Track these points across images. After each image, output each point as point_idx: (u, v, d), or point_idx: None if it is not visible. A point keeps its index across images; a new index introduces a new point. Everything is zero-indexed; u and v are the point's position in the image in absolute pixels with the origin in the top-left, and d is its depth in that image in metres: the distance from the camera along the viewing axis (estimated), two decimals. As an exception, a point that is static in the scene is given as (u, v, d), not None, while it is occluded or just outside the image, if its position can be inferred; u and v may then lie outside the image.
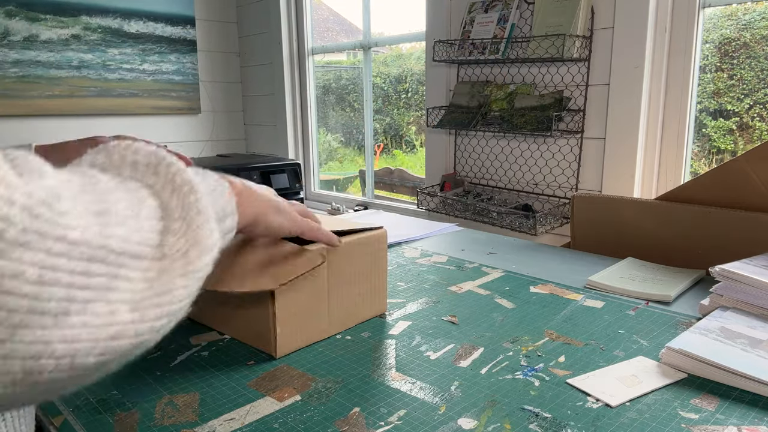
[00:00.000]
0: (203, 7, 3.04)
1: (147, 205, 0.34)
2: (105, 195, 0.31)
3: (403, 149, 3.95)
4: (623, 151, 1.64)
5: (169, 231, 0.34)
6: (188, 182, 0.36)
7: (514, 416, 0.56)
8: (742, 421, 0.55)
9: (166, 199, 0.35)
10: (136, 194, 0.34)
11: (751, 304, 0.75)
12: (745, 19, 1.59)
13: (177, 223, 0.34)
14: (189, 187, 0.36)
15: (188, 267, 0.34)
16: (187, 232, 0.35)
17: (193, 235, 0.35)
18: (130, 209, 0.32)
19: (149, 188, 0.35)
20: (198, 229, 0.35)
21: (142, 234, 0.32)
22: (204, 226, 0.36)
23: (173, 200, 0.35)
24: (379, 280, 0.81)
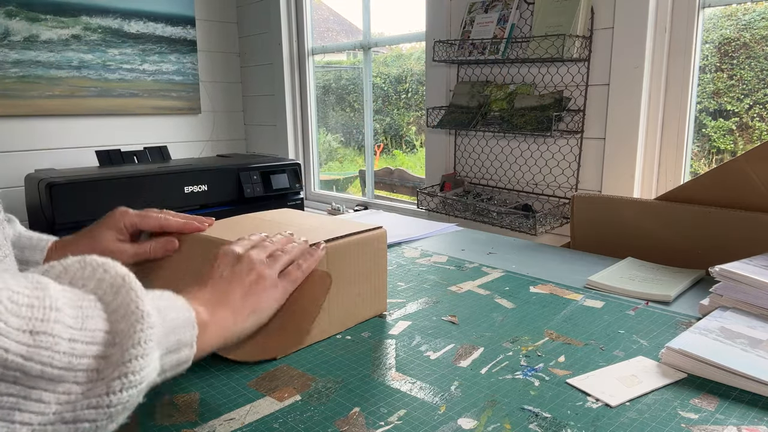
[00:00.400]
0: (203, 7, 3.04)
1: (89, 326, 0.34)
2: (47, 312, 0.31)
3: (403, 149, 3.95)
4: (623, 151, 1.64)
5: (103, 356, 0.34)
6: (140, 311, 0.37)
7: (514, 416, 0.56)
8: (741, 421, 0.55)
9: (115, 323, 0.36)
10: (85, 313, 0.35)
11: (751, 304, 0.75)
12: (745, 20, 1.59)
13: (113, 349, 0.35)
14: (138, 315, 0.37)
15: (104, 399, 0.34)
16: (118, 363, 0.35)
17: (123, 367, 0.35)
18: (68, 330, 0.33)
19: (104, 309, 0.36)
20: (129, 362, 0.35)
21: (71, 358, 0.32)
22: (137, 360, 0.36)
23: (120, 325, 0.36)
24: (379, 279, 0.81)
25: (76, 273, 0.38)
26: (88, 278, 0.38)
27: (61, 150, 2.63)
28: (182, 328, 0.43)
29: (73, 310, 0.34)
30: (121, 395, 0.34)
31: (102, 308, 0.36)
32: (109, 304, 0.37)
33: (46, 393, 0.31)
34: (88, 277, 0.38)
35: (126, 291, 0.38)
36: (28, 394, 0.30)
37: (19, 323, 0.30)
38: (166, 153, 2.63)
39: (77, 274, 0.38)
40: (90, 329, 0.34)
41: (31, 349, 0.30)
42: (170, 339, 0.41)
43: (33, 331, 0.30)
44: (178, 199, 2.18)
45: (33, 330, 0.30)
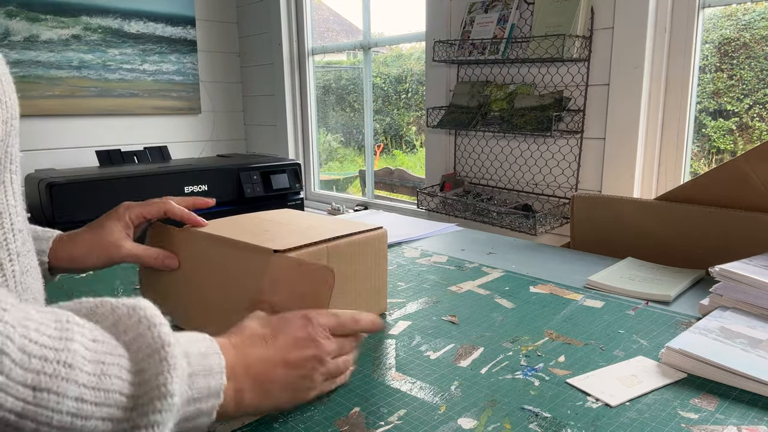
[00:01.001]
0: (203, 7, 3.04)
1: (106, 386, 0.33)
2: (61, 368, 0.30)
3: (403, 149, 3.95)
4: (623, 151, 1.64)
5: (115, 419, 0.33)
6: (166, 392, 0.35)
7: (514, 416, 0.56)
8: (741, 421, 0.55)
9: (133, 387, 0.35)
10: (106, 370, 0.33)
11: (751, 304, 0.75)
12: (745, 20, 1.59)
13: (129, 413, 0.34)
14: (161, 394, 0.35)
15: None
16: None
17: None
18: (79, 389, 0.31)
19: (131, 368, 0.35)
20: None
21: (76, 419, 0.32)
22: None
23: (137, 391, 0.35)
24: (380, 279, 0.81)
25: (121, 318, 0.37)
26: (131, 328, 0.37)
27: (61, 150, 2.63)
28: (207, 398, 0.41)
29: (92, 365, 0.33)
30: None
31: (128, 368, 0.35)
32: (137, 364, 0.35)
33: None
34: (131, 327, 0.37)
35: (159, 360, 0.36)
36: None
37: (23, 377, 0.29)
38: (166, 153, 2.63)
39: (122, 319, 0.37)
40: (106, 389, 0.33)
41: (28, 406, 0.29)
42: (190, 408, 0.39)
43: (36, 387, 0.29)
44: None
45: (37, 386, 0.29)
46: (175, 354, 0.37)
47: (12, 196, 0.45)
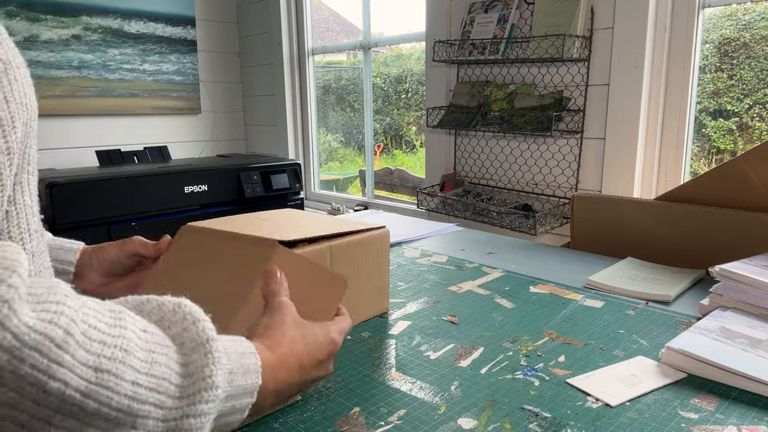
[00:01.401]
0: (203, 7, 3.04)
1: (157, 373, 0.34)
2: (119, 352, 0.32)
3: (403, 149, 3.95)
4: (623, 151, 1.64)
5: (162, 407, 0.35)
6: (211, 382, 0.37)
7: (514, 416, 0.56)
8: (741, 421, 0.55)
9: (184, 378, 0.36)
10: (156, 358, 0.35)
11: (751, 304, 0.75)
12: (745, 20, 1.59)
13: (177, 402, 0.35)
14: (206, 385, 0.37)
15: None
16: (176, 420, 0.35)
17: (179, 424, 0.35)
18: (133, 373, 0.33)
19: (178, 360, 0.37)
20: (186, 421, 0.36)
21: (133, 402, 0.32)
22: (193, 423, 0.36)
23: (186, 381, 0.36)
24: (382, 279, 0.81)
25: (167, 314, 0.39)
26: (176, 323, 0.39)
27: (61, 150, 2.63)
28: (242, 396, 0.43)
29: (144, 353, 0.34)
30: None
31: (176, 360, 0.37)
32: (184, 356, 0.37)
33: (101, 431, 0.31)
34: (176, 322, 0.39)
35: (204, 353, 0.38)
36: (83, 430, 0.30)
37: (86, 358, 0.30)
38: (166, 153, 2.63)
39: (167, 315, 0.39)
40: (157, 376, 0.35)
41: (91, 386, 0.30)
42: (227, 404, 0.41)
43: (98, 368, 0.30)
44: (178, 199, 2.18)
45: (98, 367, 0.30)
46: (219, 348, 0.39)
47: (29, 196, 0.45)
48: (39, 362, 0.27)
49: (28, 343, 0.27)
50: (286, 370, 0.49)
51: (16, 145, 0.38)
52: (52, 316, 0.28)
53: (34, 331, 0.27)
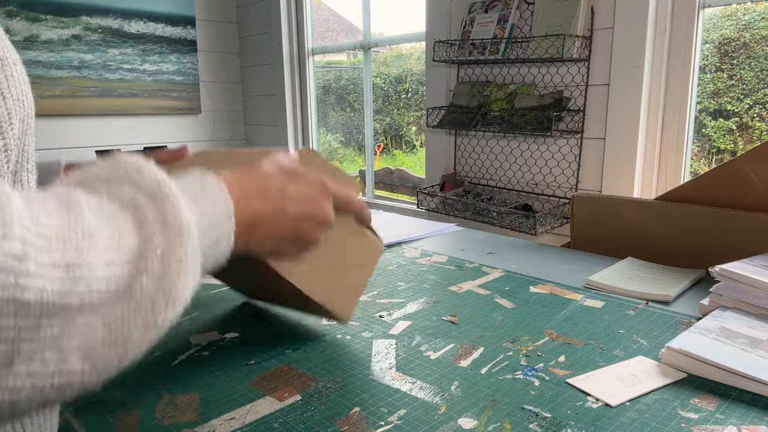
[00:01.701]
0: (203, 7, 3.04)
1: (126, 244, 0.33)
2: (81, 241, 0.31)
3: (403, 149, 3.95)
4: (623, 151, 1.64)
5: (144, 271, 0.33)
6: (179, 224, 0.35)
7: (514, 416, 0.56)
8: (741, 421, 0.55)
9: (152, 235, 0.34)
10: (121, 229, 0.33)
11: (751, 304, 0.75)
12: (745, 20, 1.59)
13: (154, 263, 0.33)
14: (178, 229, 0.35)
15: (150, 318, 0.33)
16: (161, 279, 0.34)
17: (166, 284, 0.34)
18: (105, 253, 0.31)
19: (139, 219, 0.34)
20: (171, 280, 0.34)
21: (111, 281, 0.31)
22: (180, 277, 0.35)
23: (159, 238, 0.34)
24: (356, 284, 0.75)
25: (110, 175, 0.36)
26: (122, 180, 0.36)
27: (61, 150, 2.63)
28: (220, 224, 0.42)
29: (108, 229, 0.32)
30: (166, 313, 0.34)
31: (136, 220, 0.34)
32: (145, 212, 0.35)
33: (90, 317, 0.30)
34: (122, 179, 0.36)
35: (161, 199, 0.36)
36: (72, 321, 0.29)
37: (51, 258, 0.29)
38: (166, 153, 2.64)
39: (111, 175, 0.36)
40: (127, 247, 0.33)
41: (68, 282, 0.29)
42: (209, 235, 0.40)
43: (67, 264, 0.29)
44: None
45: (67, 263, 0.29)
46: (174, 191, 0.37)
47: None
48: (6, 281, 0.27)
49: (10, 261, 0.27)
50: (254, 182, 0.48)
51: (14, 142, 0.37)
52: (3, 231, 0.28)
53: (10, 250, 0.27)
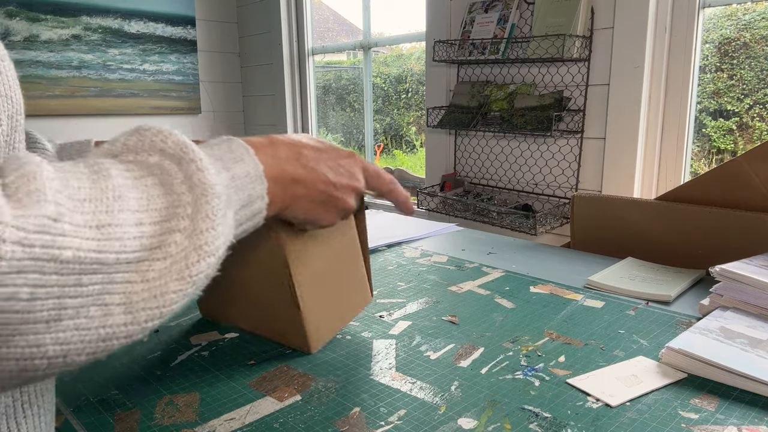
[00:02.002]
0: (203, 7, 3.04)
1: (156, 206, 0.35)
2: (111, 203, 0.32)
3: (403, 149, 3.95)
4: (623, 151, 1.64)
5: (177, 229, 0.35)
6: (203, 184, 0.37)
7: (514, 416, 0.56)
8: (742, 421, 0.55)
9: (181, 195, 0.36)
10: (150, 192, 0.35)
11: (751, 304, 0.75)
12: (745, 20, 1.59)
13: (184, 221, 0.35)
14: (203, 188, 0.37)
15: (185, 271, 0.35)
16: (192, 235, 0.36)
17: (196, 239, 0.36)
18: (135, 214, 0.33)
19: (167, 183, 0.36)
20: (201, 234, 0.36)
21: (143, 240, 0.33)
22: (208, 232, 0.36)
23: (187, 197, 0.36)
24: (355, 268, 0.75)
25: (135, 145, 0.38)
26: (149, 149, 0.38)
27: (61, 150, 2.63)
28: (251, 183, 0.43)
29: (137, 191, 0.34)
30: (200, 265, 0.36)
31: (163, 184, 0.36)
32: (173, 175, 0.37)
33: (128, 274, 0.32)
34: (149, 148, 0.38)
35: (187, 162, 0.38)
36: (112, 279, 0.31)
37: (83, 219, 0.30)
38: (166, 153, 2.64)
39: (137, 145, 0.38)
40: (156, 208, 0.35)
41: (102, 242, 0.31)
42: (241, 195, 0.42)
43: (99, 225, 0.31)
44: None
45: (99, 224, 0.31)
46: (199, 154, 0.39)
47: None
48: (44, 241, 0.28)
49: (31, 228, 0.28)
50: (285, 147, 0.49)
51: (2, 138, 0.37)
52: (38, 196, 0.29)
53: (31, 217, 0.28)
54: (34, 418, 0.41)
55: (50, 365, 0.30)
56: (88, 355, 0.31)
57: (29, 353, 0.29)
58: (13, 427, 0.39)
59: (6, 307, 0.27)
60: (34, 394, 0.40)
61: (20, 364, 0.29)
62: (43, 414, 0.42)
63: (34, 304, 0.28)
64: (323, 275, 0.69)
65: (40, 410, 0.41)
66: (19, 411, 0.39)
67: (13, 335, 0.28)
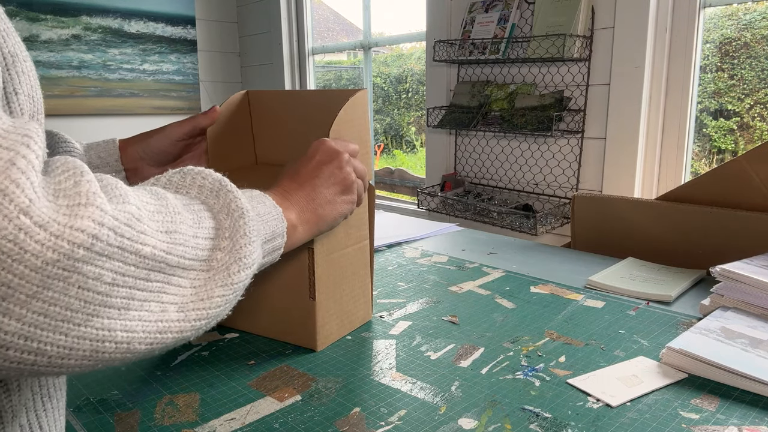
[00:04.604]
0: (203, 7, 3.04)
1: (204, 225, 0.42)
2: (173, 216, 0.39)
3: (404, 149, 3.95)
4: (624, 151, 1.64)
5: (218, 248, 0.42)
6: (240, 209, 0.45)
7: (514, 416, 0.56)
8: (742, 422, 0.55)
9: (221, 220, 0.43)
10: (198, 215, 0.42)
11: (752, 304, 0.75)
12: (746, 19, 1.59)
13: (225, 242, 0.42)
14: (240, 212, 0.44)
15: (228, 279, 0.42)
16: (232, 251, 0.43)
17: (236, 254, 0.43)
18: (191, 228, 0.40)
19: (209, 210, 0.44)
20: (241, 249, 0.43)
21: (197, 251, 0.40)
22: (246, 247, 0.44)
23: (226, 222, 0.43)
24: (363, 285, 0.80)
25: (179, 182, 0.45)
26: (190, 186, 0.45)
27: (62, 150, 2.63)
28: (273, 221, 0.51)
29: (189, 213, 0.41)
30: (240, 275, 0.43)
31: (208, 210, 0.43)
32: (212, 206, 0.44)
33: (182, 279, 0.38)
34: (190, 185, 0.45)
35: (225, 193, 0.45)
36: (169, 280, 0.37)
37: (156, 226, 0.36)
38: (167, 153, 2.64)
39: (180, 183, 0.45)
40: (206, 227, 0.41)
41: (170, 245, 0.37)
42: (266, 229, 0.49)
43: (168, 231, 0.37)
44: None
45: (168, 230, 0.37)
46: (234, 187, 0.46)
47: None
48: (132, 234, 0.33)
49: (122, 220, 0.33)
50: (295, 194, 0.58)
51: None
52: (124, 197, 0.34)
53: (122, 211, 0.33)
54: (54, 411, 0.42)
55: (116, 350, 0.34)
56: (146, 346, 0.36)
57: (102, 335, 0.33)
58: (33, 419, 0.40)
59: (92, 285, 0.31)
60: (53, 387, 0.42)
61: (93, 345, 0.33)
62: (60, 408, 0.43)
63: (112, 289, 0.33)
64: (336, 280, 0.73)
65: (59, 403, 0.43)
66: (39, 404, 0.40)
67: (92, 316, 0.32)
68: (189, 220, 0.40)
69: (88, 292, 0.31)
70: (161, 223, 0.37)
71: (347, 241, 0.74)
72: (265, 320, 0.75)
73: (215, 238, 0.42)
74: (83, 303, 0.31)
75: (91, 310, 0.32)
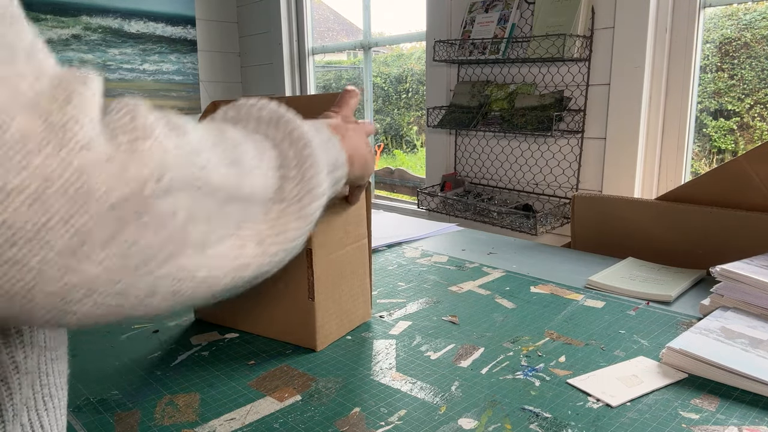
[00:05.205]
0: (203, 7, 3.04)
1: (268, 155, 0.39)
2: (235, 147, 0.36)
3: (404, 149, 3.95)
4: (624, 151, 1.64)
5: (287, 179, 0.39)
6: (304, 137, 0.42)
7: (514, 416, 0.56)
8: (742, 422, 0.55)
9: (285, 150, 0.41)
10: (260, 145, 0.39)
11: (752, 304, 0.75)
12: (746, 19, 1.59)
13: (293, 171, 0.40)
14: (304, 141, 0.42)
15: (301, 211, 0.40)
16: (302, 182, 0.40)
17: (306, 184, 0.40)
18: (255, 159, 0.37)
19: (270, 140, 0.41)
20: (310, 179, 0.41)
21: (267, 181, 0.37)
22: (315, 177, 0.41)
23: (290, 152, 0.41)
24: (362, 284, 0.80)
25: (234, 116, 0.43)
26: (246, 119, 0.43)
27: (62, 150, 2.64)
28: (334, 150, 0.49)
29: (250, 144, 0.38)
30: (312, 206, 0.41)
31: (270, 142, 0.41)
32: (274, 137, 0.41)
33: (255, 212, 0.36)
34: (246, 118, 0.43)
35: (285, 122, 0.42)
36: (245, 213, 0.35)
37: (219, 159, 0.34)
38: (167, 153, 2.64)
39: (236, 116, 0.43)
40: (270, 157, 0.39)
41: (237, 177, 0.35)
42: (330, 158, 0.47)
43: (231, 162, 0.35)
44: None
45: (231, 162, 0.35)
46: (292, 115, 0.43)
47: None
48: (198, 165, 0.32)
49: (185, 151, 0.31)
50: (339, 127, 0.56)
51: None
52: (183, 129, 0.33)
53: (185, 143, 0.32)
54: (55, 410, 0.42)
55: (196, 289, 0.33)
56: (225, 284, 0.34)
57: (182, 275, 0.31)
58: (34, 418, 0.40)
59: (169, 222, 0.30)
60: (54, 387, 0.41)
61: (174, 286, 0.31)
62: (61, 408, 0.43)
63: (188, 227, 0.31)
64: (335, 279, 0.73)
65: (60, 403, 0.42)
66: (40, 403, 0.40)
67: (172, 255, 0.30)
68: (252, 150, 0.38)
69: (166, 230, 0.30)
70: (223, 155, 0.35)
71: (346, 240, 0.74)
72: (265, 320, 0.75)
73: (282, 168, 0.40)
74: (164, 241, 0.30)
75: (171, 249, 0.30)
